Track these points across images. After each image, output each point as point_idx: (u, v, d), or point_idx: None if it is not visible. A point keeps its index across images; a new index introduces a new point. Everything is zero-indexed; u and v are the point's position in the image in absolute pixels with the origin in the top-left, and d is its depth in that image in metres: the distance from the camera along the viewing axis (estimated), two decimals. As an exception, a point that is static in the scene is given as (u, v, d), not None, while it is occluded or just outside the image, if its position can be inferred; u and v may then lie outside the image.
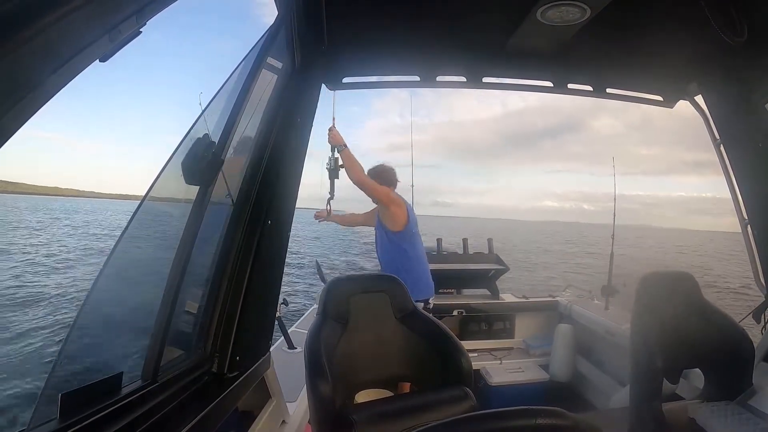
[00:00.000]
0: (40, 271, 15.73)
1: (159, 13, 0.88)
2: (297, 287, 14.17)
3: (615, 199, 4.66)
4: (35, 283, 13.32)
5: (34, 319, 9.24)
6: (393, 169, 3.35)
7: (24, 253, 19.62)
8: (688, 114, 2.63)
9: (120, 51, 0.80)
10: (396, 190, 3.33)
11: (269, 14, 1.73)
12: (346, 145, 2.95)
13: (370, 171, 3.25)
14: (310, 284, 14.14)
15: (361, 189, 3.09)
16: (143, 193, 1.37)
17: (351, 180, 3.03)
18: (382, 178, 3.23)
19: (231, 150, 1.60)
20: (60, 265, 17.19)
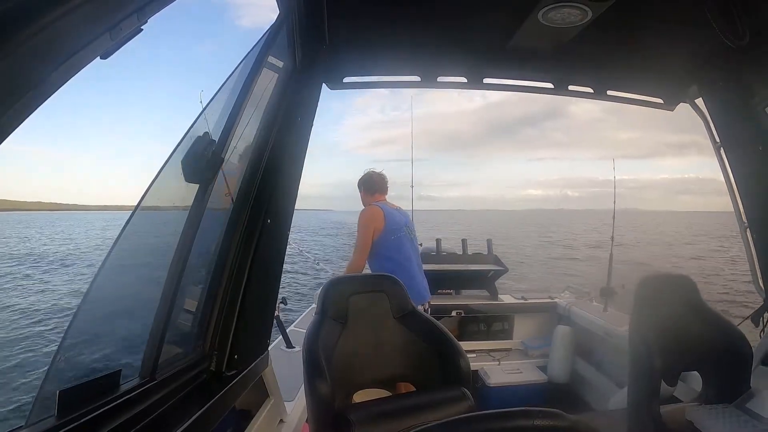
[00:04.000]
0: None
1: (160, 11, 0.88)
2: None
3: (614, 202, 4.67)
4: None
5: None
6: (380, 175, 3.32)
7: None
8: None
9: (121, 48, 0.80)
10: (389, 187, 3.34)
11: (270, 13, 1.73)
12: None
13: (360, 180, 3.30)
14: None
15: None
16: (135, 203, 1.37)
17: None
18: (368, 186, 3.27)
19: (231, 148, 1.60)
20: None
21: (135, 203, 1.34)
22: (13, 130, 0.61)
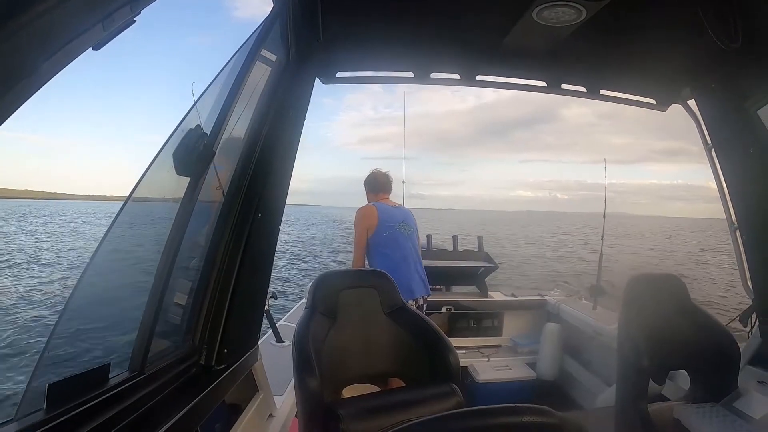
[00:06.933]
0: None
1: (153, 3, 0.87)
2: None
3: (605, 201, 4.71)
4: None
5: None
6: (385, 175, 3.43)
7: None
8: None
9: (113, 39, 0.79)
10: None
11: (264, 6, 1.72)
12: None
13: (365, 179, 3.42)
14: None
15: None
16: (125, 194, 1.36)
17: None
18: (372, 185, 3.40)
19: (223, 142, 1.59)
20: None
21: (122, 194, 1.34)
22: (5, 119, 0.60)
